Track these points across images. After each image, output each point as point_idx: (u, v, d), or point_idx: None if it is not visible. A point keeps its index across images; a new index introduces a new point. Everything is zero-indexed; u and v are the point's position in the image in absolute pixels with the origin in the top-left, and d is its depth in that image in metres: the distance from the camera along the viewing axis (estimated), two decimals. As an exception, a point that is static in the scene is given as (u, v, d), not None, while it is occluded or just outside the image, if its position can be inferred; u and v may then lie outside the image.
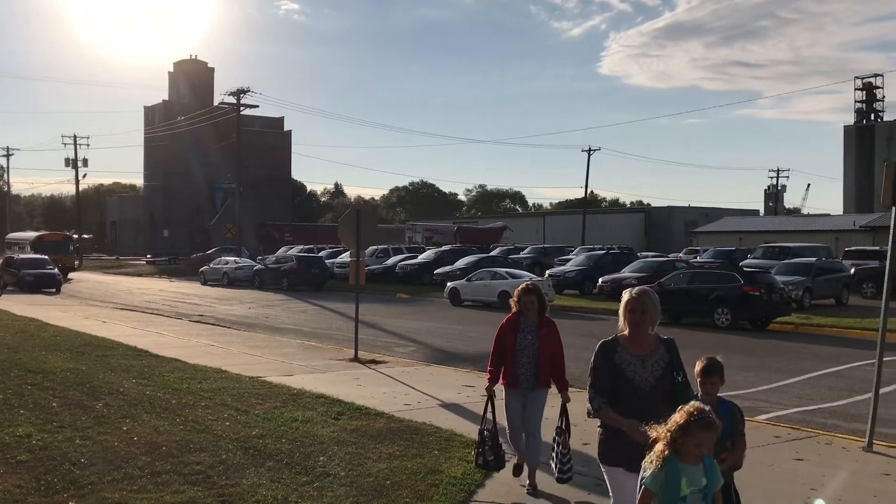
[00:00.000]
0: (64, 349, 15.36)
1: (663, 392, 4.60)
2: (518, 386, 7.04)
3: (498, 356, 7.11)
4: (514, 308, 7.10)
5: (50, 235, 54.66)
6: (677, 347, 4.80)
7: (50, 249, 48.52)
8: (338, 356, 15.87)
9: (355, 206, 17.07)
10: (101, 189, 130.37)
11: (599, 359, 4.71)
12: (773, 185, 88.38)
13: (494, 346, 7.16)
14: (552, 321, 7.17)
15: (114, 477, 6.88)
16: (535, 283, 7.25)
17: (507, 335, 7.04)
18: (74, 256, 53.26)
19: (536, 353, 6.96)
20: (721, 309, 22.13)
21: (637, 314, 4.64)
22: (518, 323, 7.05)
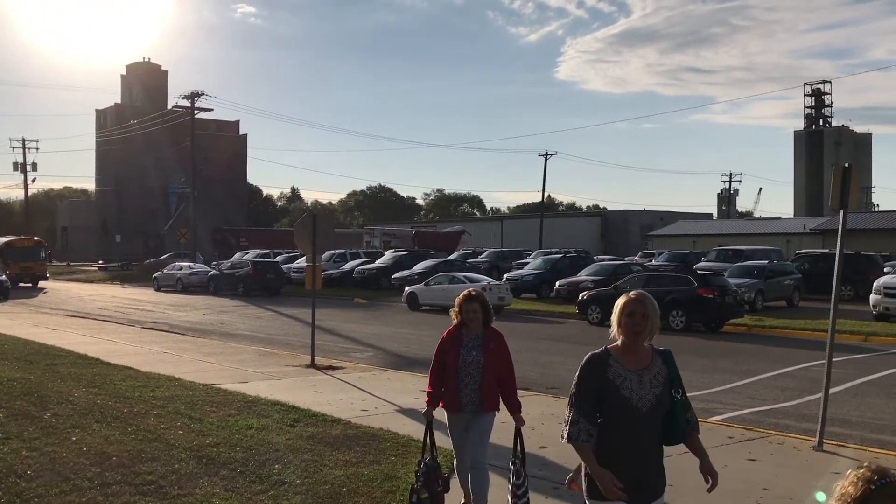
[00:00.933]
0: (11, 358, 14.96)
1: (661, 412, 3.93)
2: (460, 410, 6.15)
3: (437, 376, 6.24)
4: (455, 319, 6.21)
5: (19, 241, 50.07)
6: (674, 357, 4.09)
7: (19, 256, 46.33)
8: (294, 362, 15.71)
9: (311, 211, 16.93)
10: (52, 194, 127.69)
11: (587, 375, 3.90)
12: (726, 189, 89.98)
13: (433, 363, 6.29)
14: (500, 333, 6.27)
15: (62, 489, 6.70)
16: (479, 291, 6.32)
17: (448, 351, 6.14)
18: (46, 264, 49.56)
19: (481, 371, 6.06)
20: (676, 311, 22.41)
21: (637, 318, 3.90)
22: (460, 336, 6.14)
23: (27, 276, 46.20)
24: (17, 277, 44.75)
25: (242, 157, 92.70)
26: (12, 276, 43.81)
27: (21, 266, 46.00)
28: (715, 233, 63.60)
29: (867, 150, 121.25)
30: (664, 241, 62.97)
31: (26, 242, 49.21)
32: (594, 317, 24.13)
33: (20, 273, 45.54)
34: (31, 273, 46.59)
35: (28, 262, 46.42)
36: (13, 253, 46.49)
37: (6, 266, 44.30)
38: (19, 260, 46.21)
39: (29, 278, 46.30)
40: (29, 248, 48.19)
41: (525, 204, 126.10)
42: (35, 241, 50.09)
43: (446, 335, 6.26)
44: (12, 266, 45.15)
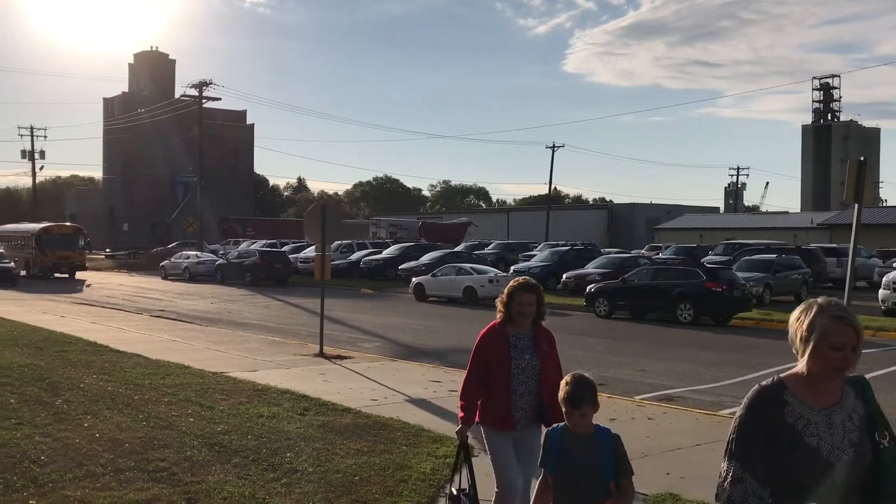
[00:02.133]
0: (21, 344, 15.01)
1: (862, 466, 2.79)
2: (512, 427, 5.03)
3: (477, 384, 5.08)
4: (499, 313, 5.11)
5: (56, 227, 46.17)
6: (872, 388, 2.97)
7: (56, 244, 43.21)
8: (302, 351, 15.74)
9: (321, 201, 16.90)
10: (59, 182, 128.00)
11: (754, 416, 2.85)
12: (734, 183, 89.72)
13: (471, 368, 5.13)
14: (551, 332, 5.23)
15: (76, 474, 6.72)
16: (534, 280, 5.22)
17: (497, 353, 5.01)
18: (85, 253, 45.77)
19: (538, 377, 4.99)
20: (684, 304, 22.37)
21: (847, 353, 2.80)
22: (506, 335, 5.04)
23: (64, 265, 43.41)
24: (54, 267, 42.85)
25: (249, 146, 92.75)
26: (48, 265, 42.37)
27: (58, 255, 43.04)
28: (722, 226, 63.47)
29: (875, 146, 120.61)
30: (671, 235, 62.86)
31: (64, 229, 46.12)
32: (601, 309, 24.10)
33: (57, 262, 43.09)
34: (68, 262, 43.49)
35: (66, 251, 43.30)
36: (50, 241, 43.36)
37: (42, 255, 42.46)
38: (56, 248, 43.10)
39: (66, 268, 43.46)
40: (67, 235, 44.95)
41: (531, 196, 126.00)
42: (73, 228, 46.85)
43: (488, 333, 5.11)
44: (49, 255, 42.76)
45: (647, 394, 12.31)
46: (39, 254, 42.44)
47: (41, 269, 42.36)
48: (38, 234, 43.25)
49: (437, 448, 8.02)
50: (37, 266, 42.57)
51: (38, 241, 42.81)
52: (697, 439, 8.92)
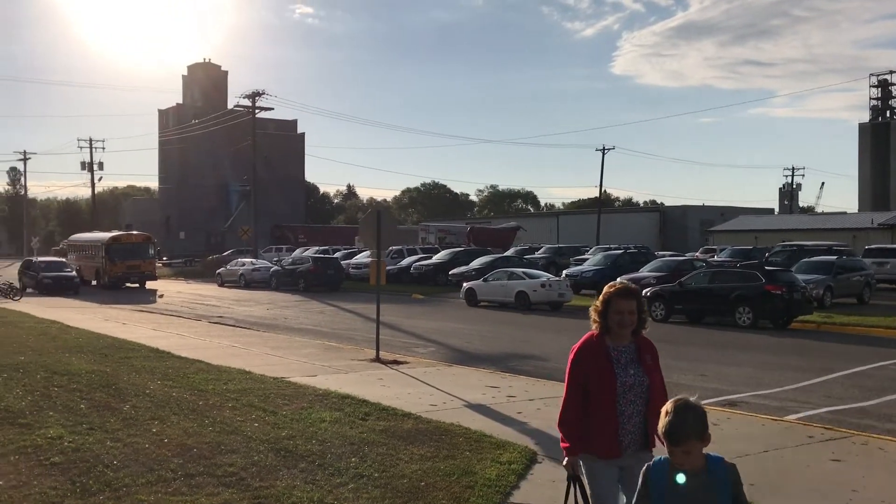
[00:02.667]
0: (87, 351, 15.40)
1: None
2: (620, 454, 4.38)
3: (579, 407, 4.41)
4: (594, 323, 4.45)
5: (126, 236, 45.35)
6: None
7: (126, 254, 42.30)
8: (359, 356, 15.84)
9: (376, 208, 16.99)
10: (116, 192, 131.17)
11: None
12: (788, 184, 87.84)
13: (569, 388, 4.46)
14: (652, 343, 4.60)
15: (147, 479, 6.85)
16: (634, 285, 4.64)
17: (598, 370, 4.36)
18: (155, 262, 45.35)
19: (646, 395, 4.38)
20: (742, 308, 21.96)
21: None
22: (605, 348, 4.40)
23: (134, 275, 42.69)
24: (124, 277, 42.21)
25: (300, 155, 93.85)
26: (117, 275, 41.71)
27: (128, 265, 42.24)
28: (778, 228, 62.18)
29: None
30: (725, 237, 61.78)
31: (133, 238, 45.03)
32: (658, 313, 23.78)
33: (127, 272, 42.37)
34: (138, 272, 42.66)
35: (135, 261, 42.33)
36: (119, 250, 42.45)
37: (112, 264, 41.76)
38: (126, 258, 42.09)
39: (136, 278, 42.78)
40: (136, 244, 43.84)
41: (580, 200, 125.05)
42: (143, 237, 45.59)
43: (584, 347, 4.45)
44: (118, 264, 42.01)
45: (710, 399, 12.08)
46: (109, 263, 41.90)
47: (110, 278, 41.79)
48: (108, 244, 42.63)
49: (501, 454, 7.99)
50: (106, 276, 42.10)
51: (108, 250, 42.20)
52: (765, 445, 8.73)
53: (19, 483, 6.69)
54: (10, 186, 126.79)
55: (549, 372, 14.62)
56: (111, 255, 41.85)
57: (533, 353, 17.30)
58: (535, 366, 15.51)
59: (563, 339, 19.78)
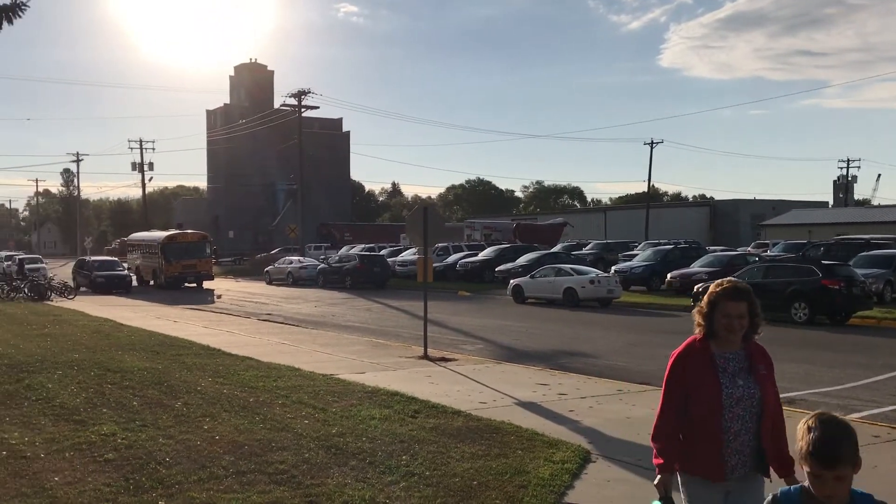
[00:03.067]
0: (139, 349, 15.59)
1: None
2: (724, 477, 3.80)
3: (676, 419, 3.85)
4: (698, 326, 3.88)
5: (181, 235, 44.13)
6: None
7: (182, 253, 41.08)
8: (407, 354, 15.78)
9: (422, 204, 16.91)
10: (167, 192, 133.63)
11: None
12: (843, 176, 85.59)
13: (666, 398, 3.90)
14: (765, 349, 3.98)
15: (199, 476, 6.83)
16: (745, 284, 3.98)
17: (701, 380, 3.79)
18: (212, 261, 43.51)
19: (757, 410, 3.80)
20: (798, 303, 21.41)
21: None
22: (710, 355, 3.83)
23: (190, 275, 41.55)
24: (180, 277, 41.15)
25: (345, 153, 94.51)
26: (173, 275, 40.69)
27: (184, 264, 41.04)
28: (832, 221, 60.67)
29: None
30: (777, 231, 60.46)
31: (189, 237, 43.68)
32: (710, 309, 23.29)
33: (183, 272, 41.27)
34: (195, 272, 41.49)
35: (191, 260, 41.09)
36: (175, 249, 41.25)
37: (168, 264, 40.77)
38: (182, 257, 40.88)
39: (193, 278, 41.64)
40: (192, 243, 42.35)
41: (627, 195, 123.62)
42: (199, 236, 44.12)
43: (685, 353, 3.88)
44: (174, 264, 40.96)
45: (768, 397, 11.74)
46: (164, 263, 40.89)
47: (167, 278, 40.82)
48: (163, 243, 41.55)
49: (554, 453, 7.82)
50: (162, 275, 41.20)
51: (163, 249, 41.14)
52: (829, 445, 8.39)
53: (74, 480, 6.73)
54: (64, 187, 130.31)
55: (600, 370, 14.38)
56: (167, 254, 40.85)
57: (583, 351, 17.05)
58: (585, 363, 15.27)
59: (613, 337, 19.49)
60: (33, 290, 32.14)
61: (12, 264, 48.83)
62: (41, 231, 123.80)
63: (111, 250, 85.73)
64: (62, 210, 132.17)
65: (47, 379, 11.71)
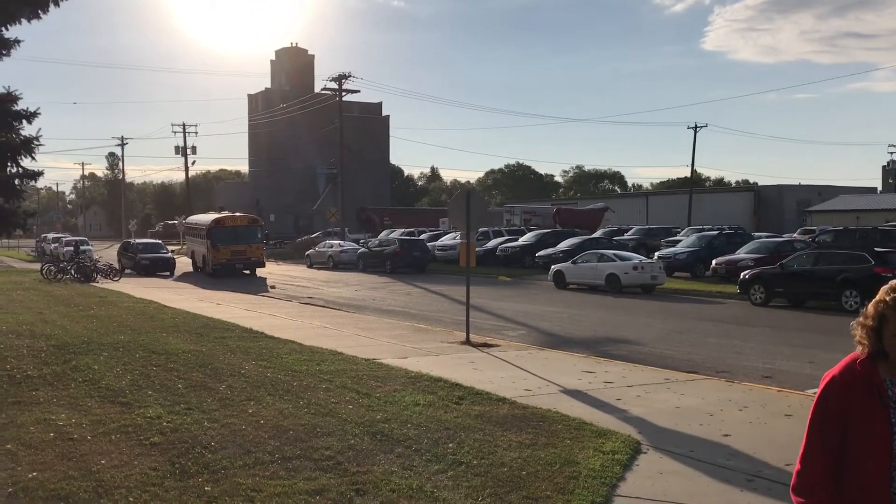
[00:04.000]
0: (183, 331, 15.68)
1: None
2: None
3: (827, 464, 2.90)
4: (861, 344, 2.96)
5: (230, 219, 40.03)
6: None
7: (230, 237, 37.44)
8: (448, 339, 15.65)
9: (465, 189, 16.70)
10: (209, 176, 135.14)
11: None
12: (893, 161, 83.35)
13: (815, 436, 2.93)
14: None
15: (245, 462, 6.78)
16: None
17: (864, 413, 2.85)
18: (263, 247, 39.67)
19: None
20: (850, 291, 20.82)
21: None
22: (878, 384, 2.87)
23: (240, 261, 37.62)
24: (228, 264, 37.16)
25: (385, 137, 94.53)
26: (221, 262, 37.04)
27: (233, 250, 37.32)
28: (881, 207, 59.12)
29: None
30: (824, 217, 59.10)
31: (239, 220, 39.63)
32: (757, 297, 22.81)
33: (232, 259, 37.42)
34: (244, 258, 37.63)
35: (241, 245, 37.45)
36: (223, 234, 37.56)
37: (216, 250, 37.12)
38: (231, 242, 37.28)
39: (242, 264, 37.72)
40: (243, 227, 38.67)
41: (669, 180, 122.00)
42: (249, 219, 40.41)
43: (842, 378, 2.93)
44: (221, 250, 37.21)
45: (821, 388, 11.40)
46: (212, 248, 37.29)
47: (213, 265, 37.28)
48: (210, 227, 37.88)
49: (603, 443, 7.63)
50: (210, 263, 37.73)
51: (210, 234, 37.57)
52: (890, 440, 8.07)
53: (121, 463, 6.71)
54: (109, 171, 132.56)
55: (644, 357, 14.12)
56: (214, 239, 37.26)
57: (627, 338, 16.77)
58: (631, 350, 15.01)
59: (658, 324, 19.16)
60: (80, 271, 32.65)
61: (62, 246, 49.73)
62: (87, 214, 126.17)
63: (155, 233, 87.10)
64: (107, 193, 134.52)
65: (93, 360, 11.80)
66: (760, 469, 7.01)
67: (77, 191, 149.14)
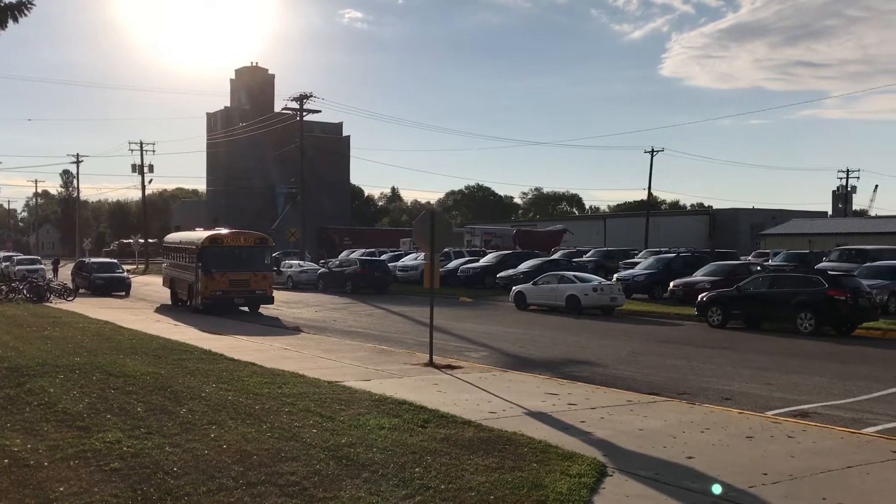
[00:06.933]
0: (141, 353, 15.38)
1: None
2: None
3: None
4: None
5: (233, 237, 29.11)
6: None
7: (228, 262, 27.32)
8: (411, 361, 15.59)
9: (429, 209, 16.73)
10: (165, 194, 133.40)
11: None
12: (843, 186, 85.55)
13: None
14: None
15: (209, 487, 6.64)
16: None
17: None
18: (272, 276, 29.21)
19: None
20: (804, 314, 21.24)
21: None
22: None
23: (241, 294, 27.47)
24: (224, 298, 27.07)
25: (345, 158, 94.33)
26: (215, 293, 26.96)
27: (232, 279, 27.13)
28: (832, 231, 60.59)
29: None
30: (777, 241, 60.37)
31: (243, 239, 28.79)
32: (715, 319, 23.16)
33: (229, 291, 27.18)
34: (246, 291, 27.47)
35: (243, 273, 27.30)
36: (220, 256, 27.49)
37: (208, 278, 26.95)
38: (229, 268, 27.18)
39: (244, 298, 27.67)
40: (247, 248, 28.35)
41: (625, 202, 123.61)
42: (256, 238, 29.03)
43: None
44: (217, 278, 27.00)
45: (779, 409, 11.61)
46: (204, 276, 27.15)
47: (205, 298, 27.11)
48: (203, 247, 27.70)
49: (570, 466, 7.64)
50: (199, 294, 27.48)
51: (202, 256, 27.44)
52: (848, 461, 8.23)
53: (80, 490, 6.53)
54: (63, 188, 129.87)
55: (606, 378, 14.22)
56: (207, 263, 27.19)
57: (589, 359, 16.88)
58: (592, 372, 15.10)
59: (618, 345, 19.32)
60: (32, 291, 31.89)
61: (13, 265, 48.60)
62: (40, 232, 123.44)
63: (110, 252, 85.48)
64: (61, 211, 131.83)
65: (49, 383, 11.51)
66: (725, 491, 7.08)
67: (30, 209, 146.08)
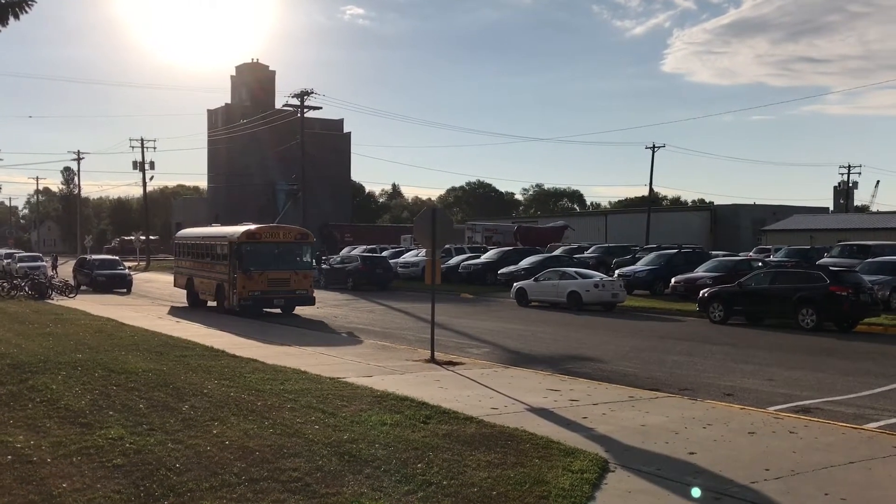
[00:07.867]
0: (143, 349, 15.39)
1: None
2: None
3: None
4: None
5: (271, 231, 26.64)
6: None
7: (266, 259, 25.15)
8: (413, 357, 15.61)
9: (430, 206, 16.69)
10: (167, 191, 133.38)
11: None
12: (844, 182, 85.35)
13: None
14: None
15: (211, 484, 6.65)
16: None
17: None
18: (312, 274, 26.82)
19: None
20: (806, 310, 21.24)
21: None
22: None
23: (280, 295, 25.24)
24: (263, 298, 24.92)
25: (346, 154, 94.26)
26: (253, 294, 24.68)
27: (271, 277, 25.04)
28: (834, 227, 60.49)
29: None
30: (779, 237, 60.31)
31: (283, 234, 26.49)
32: (716, 315, 23.16)
33: (269, 291, 25.01)
34: (286, 291, 25.28)
35: (284, 271, 25.28)
36: (259, 253, 25.23)
37: (246, 277, 24.65)
38: (268, 266, 25.13)
39: (283, 299, 25.41)
40: (287, 244, 26.00)
41: (627, 198, 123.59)
42: (297, 233, 26.85)
43: None
44: (255, 277, 24.76)
45: (781, 405, 11.61)
46: (242, 275, 24.81)
47: (243, 299, 24.77)
48: (239, 242, 25.25)
49: (571, 462, 7.65)
50: (235, 294, 25.19)
51: (240, 252, 25.10)
52: (850, 456, 8.24)
53: (83, 486, 6.55)
54: (65, 185, 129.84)
55: (608, 374, 14.24)
56: (244, 261, 24.85)
57: (590, 356, 16.88)
58: (594, 368, 15.11)
59: (620, 341, 19.32)
60: (34, 288, 31.91)
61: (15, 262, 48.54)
62: (41, 229, 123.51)
63: (111, 249, 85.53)
64: (62, 208, 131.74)
65: (51, 380, 11.52)
66: (727, 487, 7.08)
67: (31, 206, 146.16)
